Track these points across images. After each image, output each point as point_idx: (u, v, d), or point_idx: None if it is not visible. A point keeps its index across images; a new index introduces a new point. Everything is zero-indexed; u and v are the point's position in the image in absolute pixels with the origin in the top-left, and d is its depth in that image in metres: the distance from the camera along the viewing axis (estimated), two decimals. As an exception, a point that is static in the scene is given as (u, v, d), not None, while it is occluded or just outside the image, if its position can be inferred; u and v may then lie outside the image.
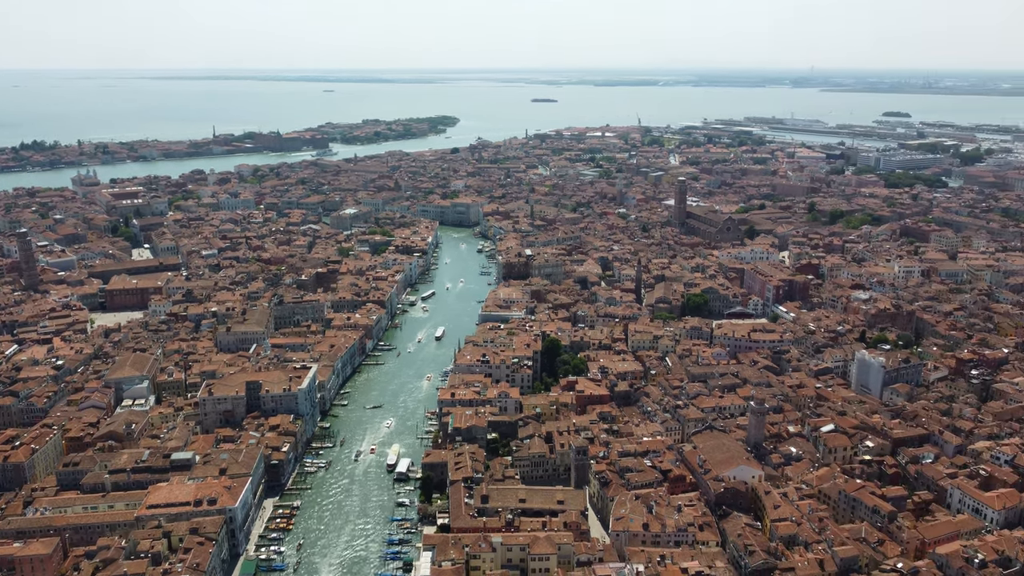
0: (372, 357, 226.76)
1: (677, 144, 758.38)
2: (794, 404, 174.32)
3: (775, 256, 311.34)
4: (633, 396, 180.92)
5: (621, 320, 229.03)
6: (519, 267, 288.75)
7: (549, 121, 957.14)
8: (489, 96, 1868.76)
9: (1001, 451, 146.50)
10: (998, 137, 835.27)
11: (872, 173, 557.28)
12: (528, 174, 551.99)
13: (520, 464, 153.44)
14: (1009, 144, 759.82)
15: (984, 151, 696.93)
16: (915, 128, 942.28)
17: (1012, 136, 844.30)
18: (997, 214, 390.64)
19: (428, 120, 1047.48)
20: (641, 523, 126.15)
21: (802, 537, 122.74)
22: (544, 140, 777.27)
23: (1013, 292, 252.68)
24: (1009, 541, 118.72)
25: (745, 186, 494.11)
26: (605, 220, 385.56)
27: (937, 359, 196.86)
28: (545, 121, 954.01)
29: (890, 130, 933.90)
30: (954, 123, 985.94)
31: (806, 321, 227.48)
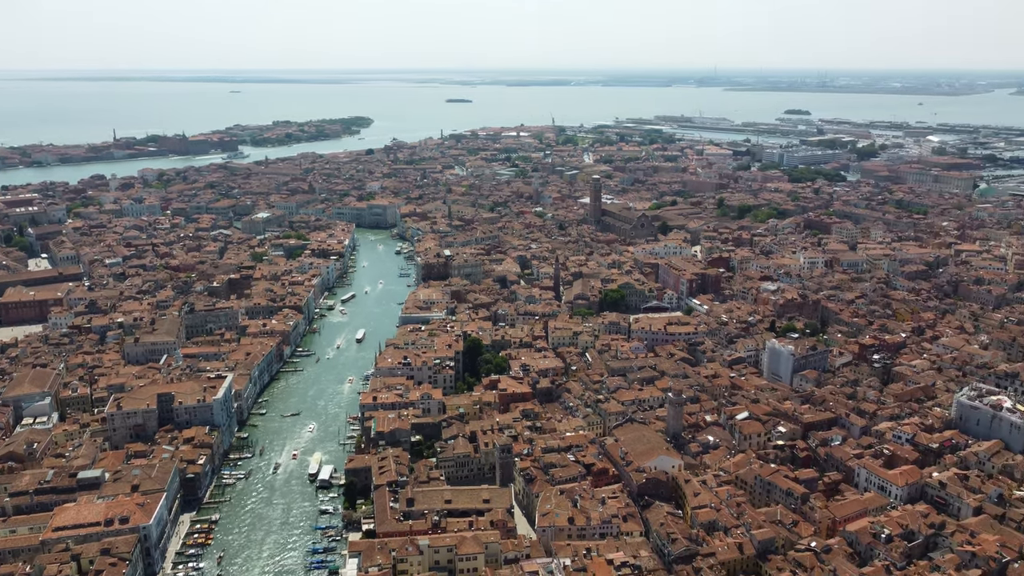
0: (290, 364, 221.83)
1: (591, 143, 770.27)
2: (710, 394, 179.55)
3: (688, 251, 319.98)
4: (555, 392, 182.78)
5: (541, 318, 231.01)
6: (438, 268, 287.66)
7: (464, 121, 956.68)
8: (403, 96, 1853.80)
9: (902, 430, 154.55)
10: (890, 133, 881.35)
11: (776, 169, 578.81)
12: (445, 174, 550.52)
13: (445, 465, 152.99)
14: (901, 139, 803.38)
15: (878, 146, 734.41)
16: (815, 125, 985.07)
17: (903, 132, 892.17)
18: (892, 206, 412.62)
19: (341, 121, 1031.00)
20: (566, 517, 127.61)
21: (721, 522, 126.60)
22: (460, 140, 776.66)
23: (908, 279, 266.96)
24: (912, 515, 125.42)
25: (657, 183, 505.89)
26: (522, 219, 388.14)
27: (841, 345, 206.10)
28: (460, 121, 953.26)
29: (792, 127, 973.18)
30: (850, 120, 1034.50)
31: (719, 313, 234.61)
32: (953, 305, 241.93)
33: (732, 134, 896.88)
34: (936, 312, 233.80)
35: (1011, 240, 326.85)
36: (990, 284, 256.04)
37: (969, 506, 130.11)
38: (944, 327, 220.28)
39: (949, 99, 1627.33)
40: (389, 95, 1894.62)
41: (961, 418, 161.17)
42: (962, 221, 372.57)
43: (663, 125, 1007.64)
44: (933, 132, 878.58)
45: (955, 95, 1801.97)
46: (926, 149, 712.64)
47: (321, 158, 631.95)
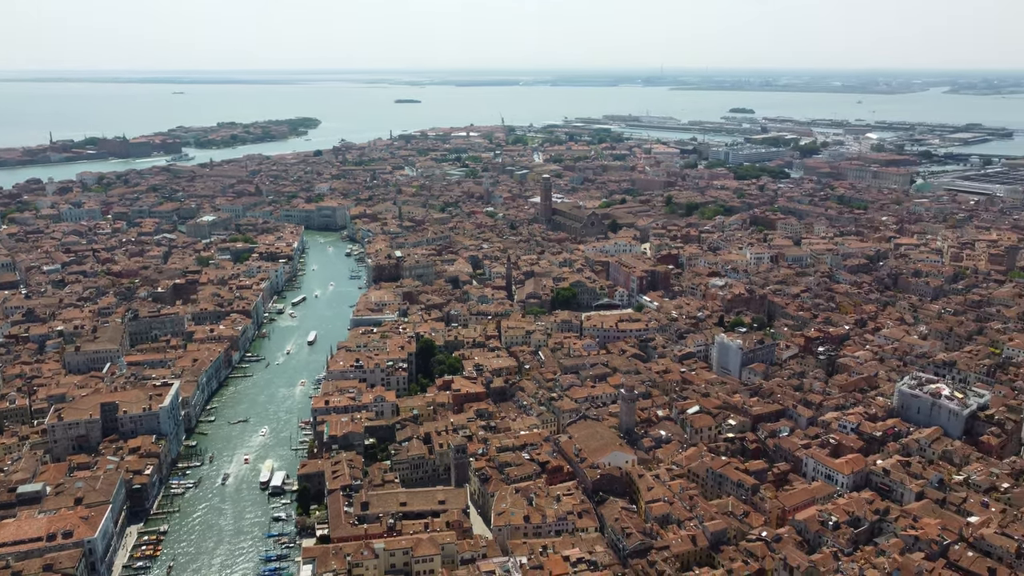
0: (239, 369, 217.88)
1: (540, 142, 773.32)
2: (661, 389, 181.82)
3: (637, 248, 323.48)
4: (509, 391, 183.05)
5: (494, 317, 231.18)
6: (389, 269, 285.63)
7: (414, 122, 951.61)
8: (351, 97, 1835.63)
9: (847, 420, 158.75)
10: (831, 131, 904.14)
11: (722, 166, 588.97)
12: (395, 175, 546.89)
13: (399, 467, 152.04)
14: (841, 137, 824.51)
15: (820, 144, 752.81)
16: (759, 123, 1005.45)
17: (843, 130, 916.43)
18: (834, 202, 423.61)
19: (288, 122, 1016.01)
20: (522, 516, 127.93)
21: (675, 515, 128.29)
22: (409, 141, 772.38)
23: (850, 273, 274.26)
24: (858, 503, 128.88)
25: (607, 182, 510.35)
26: (474, 219, 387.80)
27: (788, 338, 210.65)
28: (409, 122, 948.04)
29: (736, 126, 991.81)
30: (793, 118, 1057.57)
31: (669, 309, 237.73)
32: (893, 297, 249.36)
33: (679, 133, 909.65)
34: (877, 304, 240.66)
35: (947, 233, 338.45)
36: (928, 276, 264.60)
37: (911, 491, 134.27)
38: (885, 319, 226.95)
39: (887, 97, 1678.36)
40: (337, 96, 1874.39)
41: (902, 406, 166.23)
42: (900, 216, 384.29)
43: (611, 124, 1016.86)
44: (872, 130, 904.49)
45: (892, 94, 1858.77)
46: (865, 146, 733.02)
47: (268, 160, 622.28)
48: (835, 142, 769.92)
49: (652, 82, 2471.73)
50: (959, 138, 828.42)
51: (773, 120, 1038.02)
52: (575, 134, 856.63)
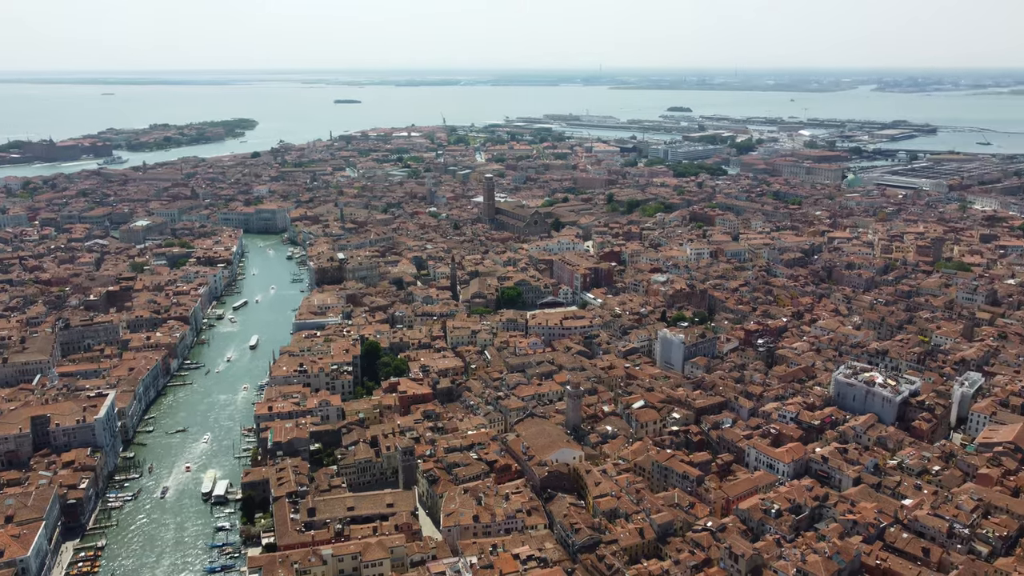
0: (178, 377, 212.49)
1: (482, 142, 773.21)
2: (607, 385, 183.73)
3: (580, 246, 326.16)
4: (455, 392, 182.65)
5: (439, 318, 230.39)
6: (332, 272, 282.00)
7: (354, 122, 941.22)
8: (289, 97, 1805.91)
9: (787, 410, 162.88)
10: (766, 128, 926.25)
11: (662, 164, 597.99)
12: (335, 176, 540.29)
13: (346, 472, 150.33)
14: (775, 134, 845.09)
15: (755, 141, 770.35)
16: (696, 121, 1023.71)
17: (777, 127, 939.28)
18: (770, 197, 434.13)
19: (224, 124, 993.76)
20: (471, 516, 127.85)
21: (622, 510, 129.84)
22: (350, 142, 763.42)
23: (787, 267, 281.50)
24: (799, 490, 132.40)
25: (549, 181, 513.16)
26: (417, 220, 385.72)
27: (728, 332, 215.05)
28: (350, 122, 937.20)
29: (675, 124, 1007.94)
30: (729, 116, 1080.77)
31: (612, 305, 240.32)
32: (828, 289, 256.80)
33: (619, 131, 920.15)
34: (813, 296, 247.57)
35: (877, 227, 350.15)
36: (860, 268, 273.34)
37: (849, 477, 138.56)
38: (821, 310, 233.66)
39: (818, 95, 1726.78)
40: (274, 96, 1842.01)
41: (839, 395, 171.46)
42: (833, 210, 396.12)
43: (552, 123, 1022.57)
44: (804, 127, 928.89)
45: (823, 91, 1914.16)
46: (799, 143, 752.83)
47: (204, 162, 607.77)
48: (770, 139, 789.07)
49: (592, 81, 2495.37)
50: (887, 134, 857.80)
51: (710, 118, 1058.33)
52: (517, 133, 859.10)
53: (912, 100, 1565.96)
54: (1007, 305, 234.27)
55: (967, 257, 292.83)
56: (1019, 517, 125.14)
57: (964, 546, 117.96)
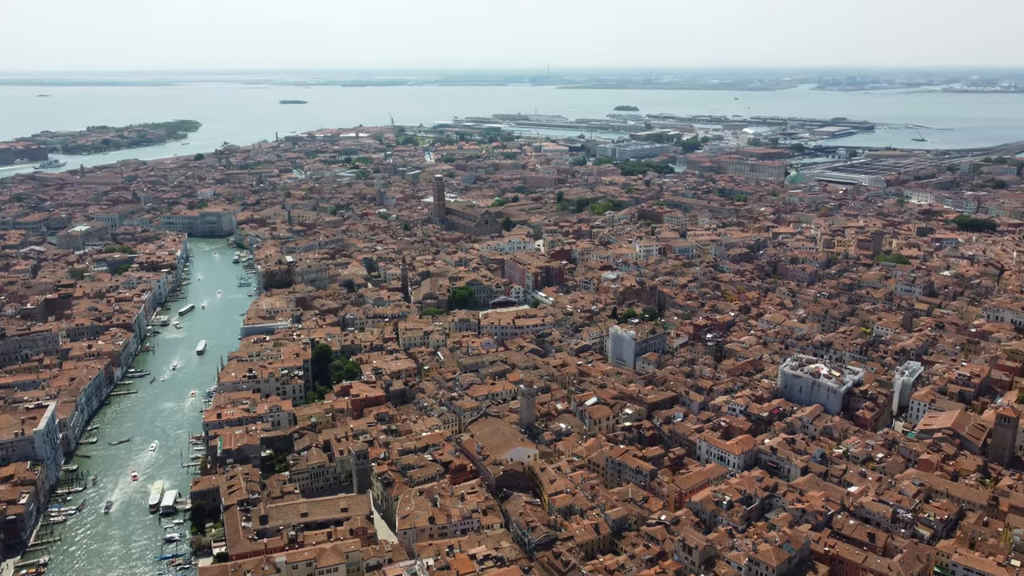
0: (122, 386, 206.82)
1: (431, 142, 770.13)
2: (560, 382, 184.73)
3: (531, 245, 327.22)
4: (409, 394, 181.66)
5: (391, 319, 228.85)
6: (281, 275, 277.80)
7: (300, 123, 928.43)
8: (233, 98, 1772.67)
9: (736, 403, 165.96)
10: (711, 126, 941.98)
11: (610, 163, 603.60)
12: (282, 178, 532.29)
13: (299, 478, 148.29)
14: (720, 132, 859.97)
15: (701, 139, 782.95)
16: (643, 120, 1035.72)
17: (722, 125, 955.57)
18: (716, 194, 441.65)
19: (166, 125, 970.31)
20: (427, 517, 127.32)
21: (578, 506, 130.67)
22: (297, 143, 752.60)
23: (733, 262, 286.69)
24: (749, 481, 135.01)
25: (499, 180, 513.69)
26: (366, 221, 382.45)
27: (678, 327, 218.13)
28: (296, 123, 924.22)
29: (622, 123, 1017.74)
30: (675, 115, 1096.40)
31: (564, 304, 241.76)
32: (773, 283, 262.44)
33: (567, 131, 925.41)
34: (759, 291, 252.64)
35: (819, 222, 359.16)
36: (804, 263, 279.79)
37: (797, 467, 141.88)
38: (767, 304, 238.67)
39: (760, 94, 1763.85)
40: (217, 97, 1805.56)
41: (786, 387, 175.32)
42: (777, 206, 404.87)
43: (501, 123, 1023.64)
44: (748, 125, 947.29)
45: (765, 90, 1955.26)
46: (743, 140, 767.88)
47: (145, 165, 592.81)
48: (715, 137, 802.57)
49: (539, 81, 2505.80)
50: (827, 131, 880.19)
51: (656, 117, 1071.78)
52: (466, 133, 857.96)
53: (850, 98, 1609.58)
54: (943, 296, 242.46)
55: (905, 250, 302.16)
56: (958, 500, 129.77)
57: (907, 530, 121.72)
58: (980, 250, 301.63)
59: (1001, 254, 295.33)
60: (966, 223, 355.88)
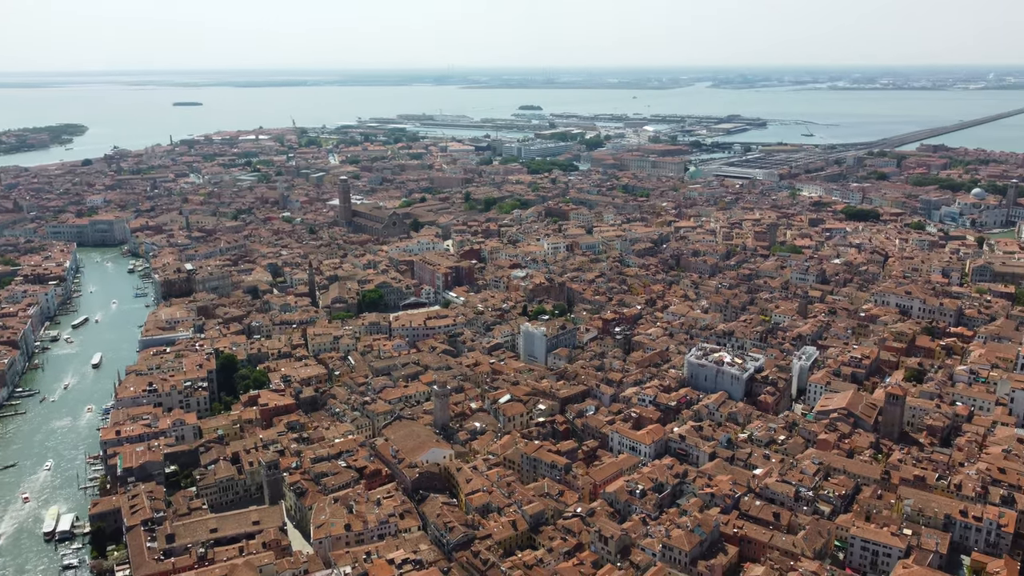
0: (9, 407, 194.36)
1: (335, 144, 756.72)
2: (473, 382, 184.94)
3: (440, 245, 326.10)
4: (320, 400, 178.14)
5: (299, 325, 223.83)
6: (180, 284, 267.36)
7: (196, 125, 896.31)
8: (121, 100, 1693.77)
9: (645, 394, 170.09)
10: (612, 125, 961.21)
11: (516, 162, 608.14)
12: (179, 183, 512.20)
13: (207, 492, 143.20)
14: (622, 130, 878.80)
15: (604, 137, 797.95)
16: (547, 119, 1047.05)
17: (623, 123, 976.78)
18: (619, 191, 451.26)
19: (48, 129, 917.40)
20: (343, 525, 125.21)
21: (495, 504, 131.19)
22: (193, 146, 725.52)
23: (638, 257, 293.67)
24: (660, 469, 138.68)
25: (405, 181, 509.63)
26: (270, 225, 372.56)
27: (587, 322, 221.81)
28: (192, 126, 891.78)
29: (526, 122, 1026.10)
30: (578, 114, 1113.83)
31: (475, 303, 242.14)
32: (677, 276, 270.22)
33: (472, 130, 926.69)
34: (664, 284, 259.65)
35: (718, 215, 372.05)
36: (705, 255, 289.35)
37: (705, 453, 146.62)
38: (671, 296, 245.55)
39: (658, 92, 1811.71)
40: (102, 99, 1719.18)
41: (692, 376, 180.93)
42: (678, 201, 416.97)
43: (406, 124, 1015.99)
44: (648, 122, 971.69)
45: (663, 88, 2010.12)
46: (643, 138, 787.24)
47: (27, 171, 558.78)
48: (617, 135, 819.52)
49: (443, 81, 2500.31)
50: (722, 128, 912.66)
51: (560, 116, 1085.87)
52: (370, 134, 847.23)
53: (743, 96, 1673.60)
54: (834, 283, 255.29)
55: (798, 240, 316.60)
56: (854, 476, 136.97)
57: (809, 507, 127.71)
58: (866, 238, 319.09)
59: (885, 242, 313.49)
60: (853, 213, 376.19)
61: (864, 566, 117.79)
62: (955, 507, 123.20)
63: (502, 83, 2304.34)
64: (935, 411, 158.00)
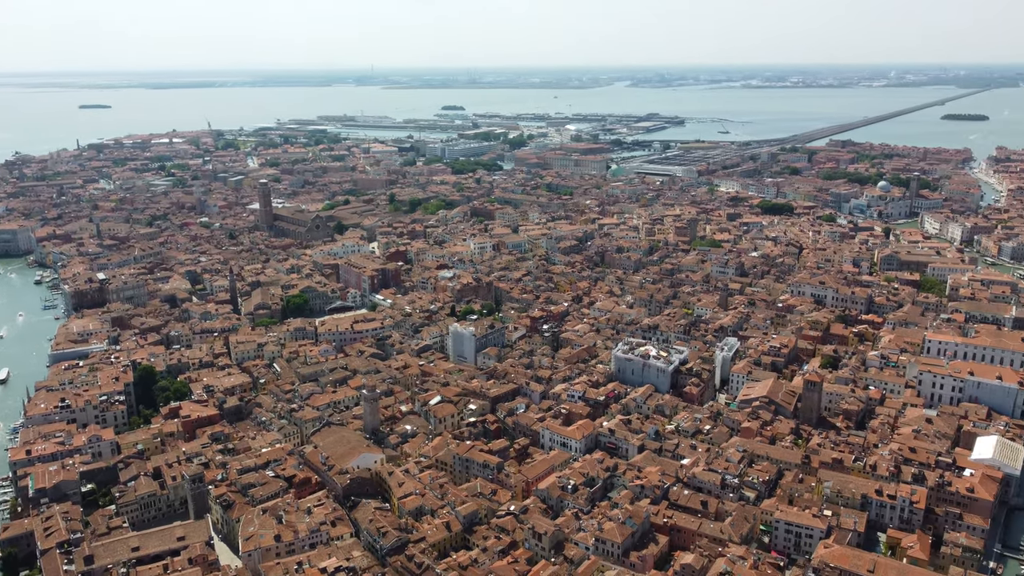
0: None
1: (253, 146, 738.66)
2: (403, 384, 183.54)
3: (366, 248, 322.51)
4: (245, 409, 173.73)
5: (221, 334, 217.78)
6: (92, 294, 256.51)
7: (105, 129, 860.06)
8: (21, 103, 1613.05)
9: (574, 390, 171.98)
10: (535, 124, 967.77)
11: (440, 162, 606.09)
12: (88, 189, 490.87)
13: (127, 510, 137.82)
14: (545, 130, 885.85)
15: (527, 137, 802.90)
16: (470, 119, 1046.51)
17: (546, 123, 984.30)
18: (544, 190, 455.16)
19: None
20: (272, 536, 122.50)
21: (428, 506, 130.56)
22: (102, 151, 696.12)
23: (564, 254, 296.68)
24: (591, 464, 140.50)
25: (328, 183, 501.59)
26: (187, 231, 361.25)
27: (515, 321, 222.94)
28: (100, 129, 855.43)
29: (450, 122, 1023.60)
30: (500, 113, 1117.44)
31: (402, 305, 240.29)
32: (602, 272, 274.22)
33: (395, 131, 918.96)
34: (590, 280, 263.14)
35: (640, 212, 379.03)
36: (629, 251, 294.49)
37: (634, 446, 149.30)
38: (597, 293, 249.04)
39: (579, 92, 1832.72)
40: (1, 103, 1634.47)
41: (619, 370, 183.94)
42: (601, 199, 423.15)
43: (327, 125, 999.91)
44: (570, 122, 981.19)
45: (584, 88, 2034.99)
46: (566, 137, 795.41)
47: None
48: (540, 135, 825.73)
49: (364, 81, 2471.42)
50: (642, 126, 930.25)
51: (483, 116, 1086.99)
52: (290, 136, 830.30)
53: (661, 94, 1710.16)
54: (752, 275, 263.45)
55: (717, 235, 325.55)
56: (777, 462, 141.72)
57: (735, 494, 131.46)
58: (781, 231, 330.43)
59: (799, 234, 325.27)
60: (768, 207, 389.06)
61: (788, 548, 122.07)
62: (871, 487, 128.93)
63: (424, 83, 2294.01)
64: (850, 396, 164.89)
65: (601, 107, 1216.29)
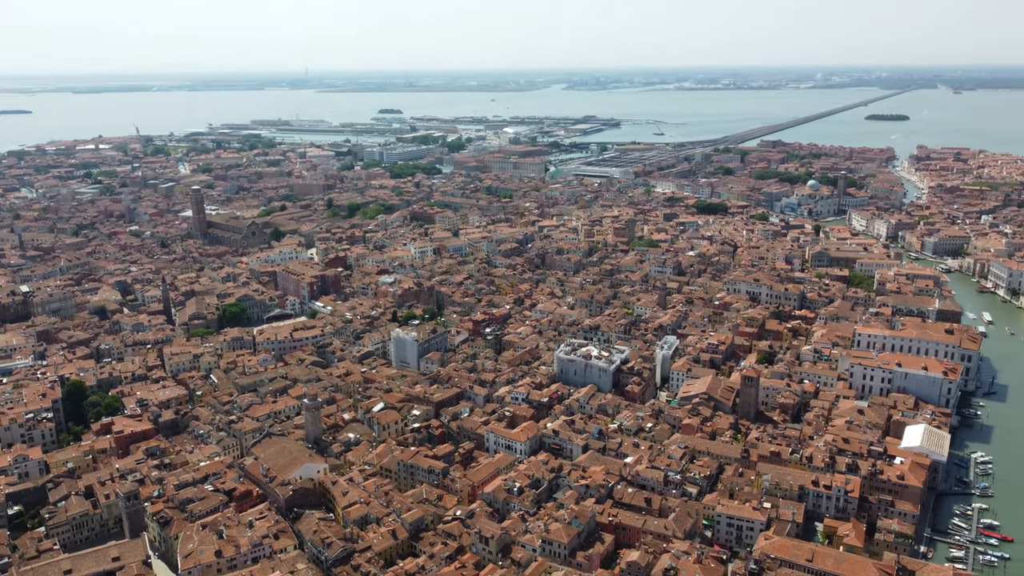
0: None
1: (185, 152, 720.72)
2: (345, 392, 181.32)
3: (304, 254, 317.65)
4: (181, 423, 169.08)
5: (154, 345, 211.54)
6: (15, 308, 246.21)
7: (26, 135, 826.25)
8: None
9: (518, 392, 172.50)
10: (473, 127, 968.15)
11: (379, 166, 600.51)
12: (8, 198, 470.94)
13: (58, 531, 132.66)
14: (483, 132, 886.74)
15: (465, 140, 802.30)
16: (408, 123, 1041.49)
17: (484, 126, 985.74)
18: (483, 193, 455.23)
19: None
20: (213, 552, 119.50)
21: (373, 515, 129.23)
22: (23, 158, 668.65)
23: (505, 257, 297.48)
24: (536, 465, 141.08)
25: (263, 189, 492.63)
26: (116, 240, 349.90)
27: (457, 324, 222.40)
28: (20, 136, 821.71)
29: (387, 126, 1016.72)
30: (439, 117, 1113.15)
31: (343, 311, 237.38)
32: (543, 274, 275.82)
33: (332, 135, 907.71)
34: (531, 282, 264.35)
35: (579, 213, 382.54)
36: (569, 253, 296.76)
37: (578, 446, 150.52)
38: (539, 295, 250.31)
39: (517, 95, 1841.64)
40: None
41: (562, 371, 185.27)
42: (540, 201, 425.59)
43: (261, 129, 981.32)
44: (508, 124, 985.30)
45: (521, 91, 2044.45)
46: (504, 140, 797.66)
47: None
48: (478, 137, 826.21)
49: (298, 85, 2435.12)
50: (579, 129, 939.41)
51: (421, 119, 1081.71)
52: (223, 141, 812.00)
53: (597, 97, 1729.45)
54: (690, 274, 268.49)
55: (655, 235, 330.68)
56: (717, 457, 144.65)
57: (678, 490, 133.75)
58: (717, 231, 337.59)
59: (734, 233, 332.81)
60: (703, 207, 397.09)
61: (731, 541, 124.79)
62: (807, 478, 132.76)
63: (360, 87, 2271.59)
64: (785, 390, 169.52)
65: (538, 110, 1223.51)
